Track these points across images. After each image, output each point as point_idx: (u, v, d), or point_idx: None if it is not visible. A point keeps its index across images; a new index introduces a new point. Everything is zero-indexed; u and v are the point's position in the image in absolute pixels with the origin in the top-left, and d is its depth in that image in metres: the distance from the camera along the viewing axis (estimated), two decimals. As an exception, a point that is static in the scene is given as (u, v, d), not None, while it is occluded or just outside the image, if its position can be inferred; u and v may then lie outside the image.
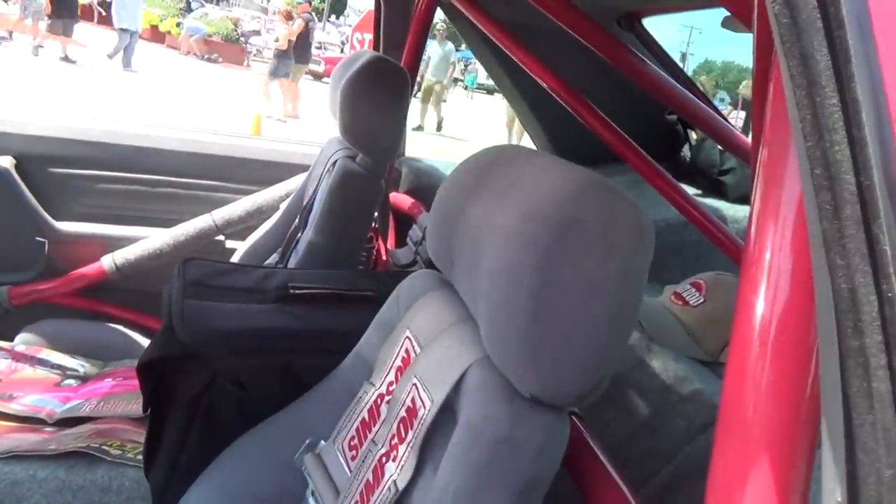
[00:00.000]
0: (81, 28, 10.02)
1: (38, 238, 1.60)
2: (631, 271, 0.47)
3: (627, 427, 0.88)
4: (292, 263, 1.30)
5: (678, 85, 1.13)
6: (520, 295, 0.46)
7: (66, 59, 9.53)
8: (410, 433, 0.55)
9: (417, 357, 0.61)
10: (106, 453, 0.98)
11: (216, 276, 0.92)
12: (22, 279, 1.62)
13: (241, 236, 1.63)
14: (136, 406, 1.20)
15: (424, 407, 0.55)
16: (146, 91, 8.44)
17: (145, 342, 1.49)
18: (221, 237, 1.70)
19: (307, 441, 0.69)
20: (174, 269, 0.89)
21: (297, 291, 0.91)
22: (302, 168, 1.68)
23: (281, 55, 8.18)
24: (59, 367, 1.36)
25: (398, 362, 0.65)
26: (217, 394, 0.82)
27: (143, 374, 0.81)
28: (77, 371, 1.36)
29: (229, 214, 1.66)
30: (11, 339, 1.39)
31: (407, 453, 0.54)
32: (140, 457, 0.98)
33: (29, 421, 1.17)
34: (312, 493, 0.65)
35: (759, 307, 0.34)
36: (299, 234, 1.33)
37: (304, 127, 7.99)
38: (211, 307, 0.84)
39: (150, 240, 1.61)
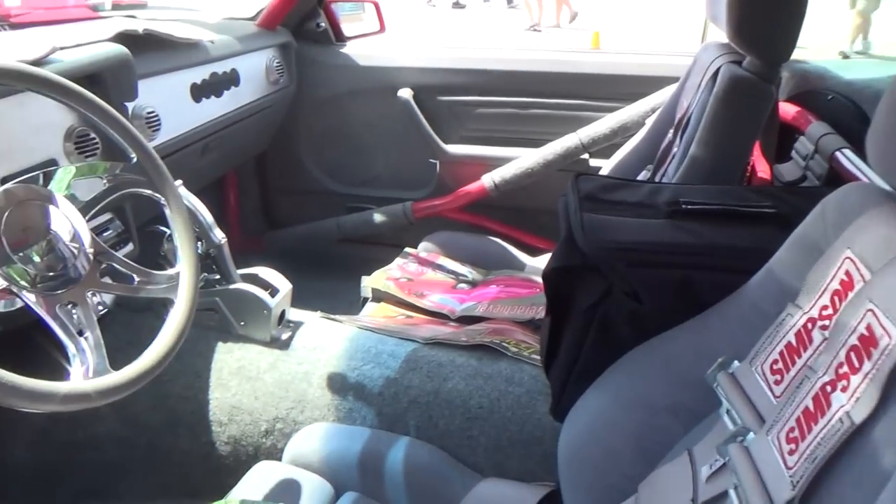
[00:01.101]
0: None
1: (431, 160, 1.84)
2: None
3: None
4: (665, 180, 1.26)
5: None
6: None
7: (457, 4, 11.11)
8: (867, 364, 0.49)
9: (869, 282, 0.54)
10: (506, 349, 1.10)
11: (606, 190, 0.93)
12: (420, 196, 1.89)
13: (605, 154, 1.64)
14: (519, 311, 1.32)
15: (889, 337, 0.48)
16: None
17: (519, 254, 1.62)
18: (586, 155, 1.73)
19: (719, 359, 0.67)
20: (570, 182, 0.93)
21: (690, 207, 0.88)
22: (670, 80, 1.59)
23: None
24: (452, 272, 1.57)
25: (834, 285, 0.58)
26: (612, 305, 0.85)
27: (547, 281, 0.88)
28: (467, 277, 1.56)
29: (594, 132, 1.68)
30: (415, 247, 1.65)
31: (863, 385, 0.48)
32: (534, 356, 1.09)
33: (436, 316, 1.39)
34: (728, 413, 0.64)
35: None
36: (674, 149, 1.27)
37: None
38: (606, 220, 0.86)
39: (523, 159, 1.72)
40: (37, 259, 0.69)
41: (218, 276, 1.14)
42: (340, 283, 1.68)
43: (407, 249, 1.63)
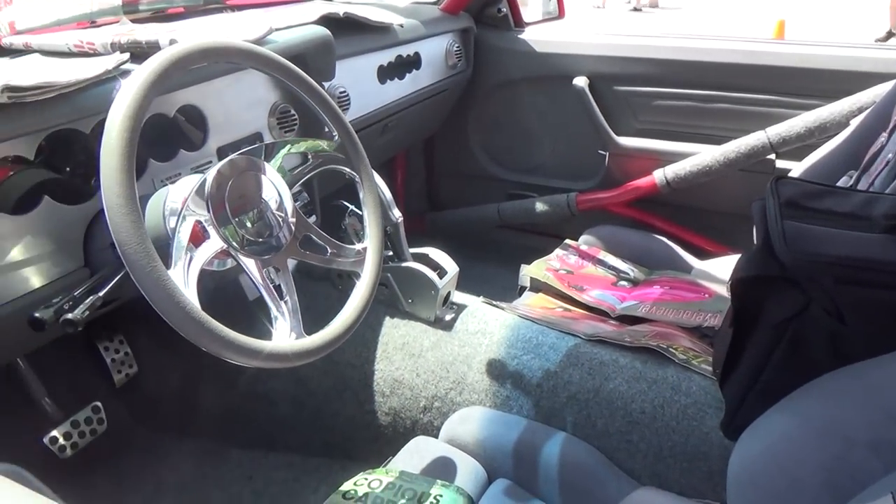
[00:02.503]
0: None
1: (600, 151, 1.78)
2: None
3: None
4: (873, 189, 1.13)
5: None
6: None
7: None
8: None
9: None
10: (673, 355, 1.05)
11: (810, 197, 0.85)
12: (585, 187, 1.85)
13: (796, 156, 1.50)
14: (686, 316, 1.25)
15: None
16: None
17: (686, 256, 1.54)
18: (772, 156, 1.60)
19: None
20: (769, 186, 0.86)
21: (914, 222, 0.78)
22: (882, 77, 1.43)
23: None
24: (613, 268, 1.52)
25: None
26: (809, 322, 0.78)
27: (735, 290, 0.82)
28: (628, 274, 1.50)
29: (786, 131, 1.54)
30: (575, 239, 1.61)
31: None
32: (704, 365, 1.03)
33: (595, 312, 1.35)
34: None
35: None
36: (888, 155, 1.13)
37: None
38: (811, 230, 0.79)
39: (700, 156, 1.62)
40: (249, 225, 0.75)
41: (391, 253, 1.18)
42: (495, 268, 1.69)
43: (567, 241, 1.60)
